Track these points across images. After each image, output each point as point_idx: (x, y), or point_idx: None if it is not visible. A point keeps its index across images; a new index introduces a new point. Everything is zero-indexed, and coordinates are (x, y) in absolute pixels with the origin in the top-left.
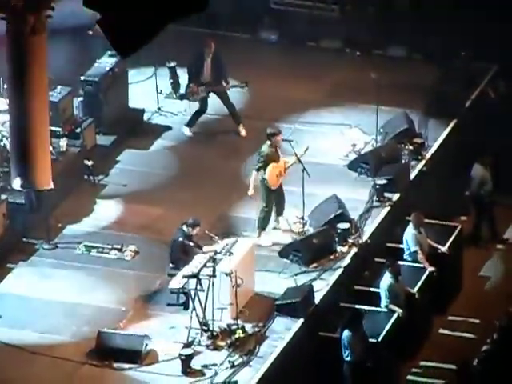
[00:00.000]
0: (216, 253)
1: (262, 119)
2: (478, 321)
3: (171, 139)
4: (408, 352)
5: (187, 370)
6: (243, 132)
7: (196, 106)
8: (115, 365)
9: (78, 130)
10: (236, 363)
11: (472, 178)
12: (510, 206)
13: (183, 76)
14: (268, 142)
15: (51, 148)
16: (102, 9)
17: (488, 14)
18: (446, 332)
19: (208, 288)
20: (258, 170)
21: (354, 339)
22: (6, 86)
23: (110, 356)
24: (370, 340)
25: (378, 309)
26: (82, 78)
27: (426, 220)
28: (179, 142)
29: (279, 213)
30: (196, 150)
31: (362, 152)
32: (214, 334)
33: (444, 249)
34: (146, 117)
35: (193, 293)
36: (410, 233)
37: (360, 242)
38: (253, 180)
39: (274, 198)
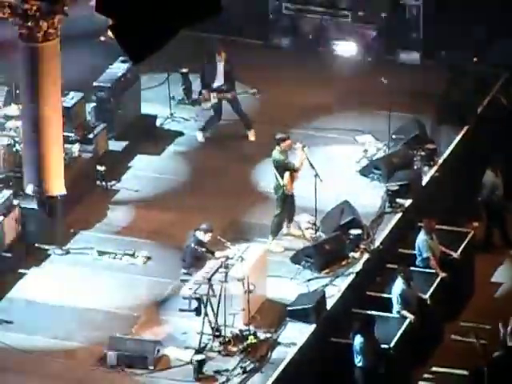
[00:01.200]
0: (228, 258)
1: (274, 125)
2: (489, 327)
3: (183, 145)
4: (420, 358)
5: (199, 376)
6: (252, 137)
7: (208, 111)
8: (127, 370)
9: (91, 136)
10: (248, 369)
11: (483, 184)
12: None
13: (195, 82)
14: (278, 148)
15: (64, 153)
16: (114, 14)
17: (500, 18)
18: (457, 338)
19: (220, 294)
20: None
21: (366, 345)
22: (18, 92)
23: (122, 361)
24: (382, 346)
25: (390, 315)
26: (95, 83)
27: (438, 226)
28: (191, 148)
29: (290, 219)
30: (208, 156)
31: (374, 158)
32: (226, 339)
33: (456, 255)
34: (158, 122)
35: (205, 298)
36: (421, 239)
37: (372, 247)
38: (287, 179)
39: (288, 205)
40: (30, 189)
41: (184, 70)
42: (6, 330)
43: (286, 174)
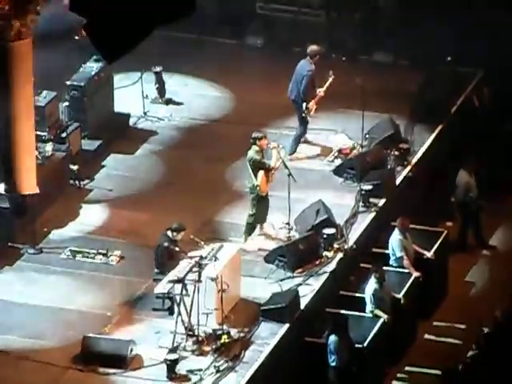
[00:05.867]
0: (202, 258)
1: (248, 124)
2: (463, 326)
3: (157, 144)
4: (393, 357)
5: (172, 375)
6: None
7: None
8: (100, 370)
9: (64, 135)
10: (221, 368)
11: (457, 185)
12: (495, 211)
13: (169, 81)
14: (254, 147)
15: (37, 152)
16: (88, 13)
17: (474, 18)
18: (431, 337)
19: (193, 293)
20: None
21: (340, 344)
22: None
23: (96, 361)
24: (356, 345)
25: (364, 314)
26: (68, 82)
27: (412, 225)
28: (165, 147)
29: (264, 219)
30: (182, 155)
31: (348, 157)
32: (200, 339)
33: (430, 254)
34: (131, 121)
35: (178, 298)
36: (395, 238)
37: (345, 247)
38: (260, 178)
39: (262, 204)
40: (2, 188)
41: (157, 69)
42: None
43: (260, 174)
